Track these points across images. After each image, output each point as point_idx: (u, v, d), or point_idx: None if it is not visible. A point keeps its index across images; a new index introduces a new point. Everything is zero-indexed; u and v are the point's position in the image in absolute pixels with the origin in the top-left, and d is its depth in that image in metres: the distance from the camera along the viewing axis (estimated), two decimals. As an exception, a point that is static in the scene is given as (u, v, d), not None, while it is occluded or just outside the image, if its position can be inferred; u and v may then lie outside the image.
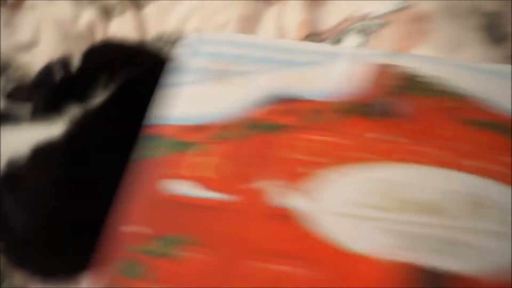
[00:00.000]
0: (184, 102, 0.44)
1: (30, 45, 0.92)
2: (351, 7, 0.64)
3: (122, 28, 0.93)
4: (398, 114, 0.40)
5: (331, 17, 0.66)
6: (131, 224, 0.37)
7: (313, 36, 0.66)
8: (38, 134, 0.47)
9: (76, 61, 0.72)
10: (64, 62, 0.64)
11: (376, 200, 0.36)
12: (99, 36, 0.98)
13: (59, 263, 0.47)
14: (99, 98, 0.49)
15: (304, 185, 0.37)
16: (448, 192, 0.35)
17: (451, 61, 0.45)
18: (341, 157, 0.38)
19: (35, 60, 0.91)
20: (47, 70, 0.62)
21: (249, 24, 0.70)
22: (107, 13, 0.91)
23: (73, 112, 0.48)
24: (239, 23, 0.69)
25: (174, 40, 0.85)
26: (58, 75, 0.58)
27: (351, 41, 0.61)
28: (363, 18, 0.62)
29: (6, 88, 0.71)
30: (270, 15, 0.69)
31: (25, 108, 0.54)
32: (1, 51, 0.87)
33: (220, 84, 0.45)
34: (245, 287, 0.30)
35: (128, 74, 0.50)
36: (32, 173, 0.44)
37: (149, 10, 0.87)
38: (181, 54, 0.49)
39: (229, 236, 0.34)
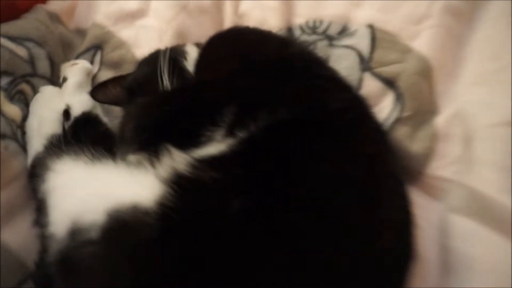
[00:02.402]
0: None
1: (135, 14, 0.72)
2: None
3: (259, 2, 0.76)
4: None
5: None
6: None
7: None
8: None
9: (192, 53, 0.62)
10: (177, 58, 0.58)
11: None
12: (228, 15, 0.75)
13: None
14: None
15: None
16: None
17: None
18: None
19: (140, 38, 0.69)
20: (153, 71, 0.56)
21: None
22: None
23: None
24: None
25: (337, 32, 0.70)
26: (167, 80, 0.54)
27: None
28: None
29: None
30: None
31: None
32: (97, 21, 0.72)
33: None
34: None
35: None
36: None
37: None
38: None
39: None
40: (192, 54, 0.61)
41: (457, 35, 0.68)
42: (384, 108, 0.61)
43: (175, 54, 0.59)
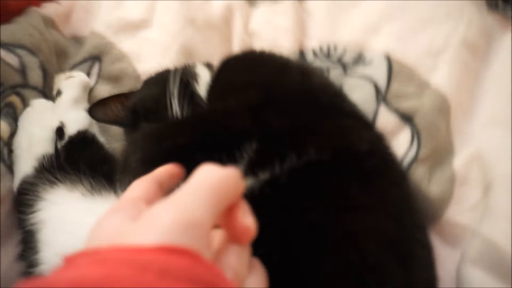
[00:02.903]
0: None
1: (138, 25, 0.67)
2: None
3: (270, 22, 0.72)
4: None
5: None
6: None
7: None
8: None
9: (204, 76, 0.58)
10: (188, 80, 0.54)
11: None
12: (237, 32, 0.70)
13: None
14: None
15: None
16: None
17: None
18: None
19: (142, 51, 0.64)
20: (160, 93, 0.53)
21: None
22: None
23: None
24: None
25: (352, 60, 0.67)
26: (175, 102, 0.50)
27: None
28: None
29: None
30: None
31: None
32: (96, 30, 0.66)
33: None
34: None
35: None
36: None
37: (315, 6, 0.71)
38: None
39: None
40: (204, 77, 0.57)
41: (473, 70, 0.67)
42: (400, 146, 0.58)
43: (186, 76, 0.55)
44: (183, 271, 0.21)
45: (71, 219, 0.44)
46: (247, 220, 0.28)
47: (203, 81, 0.56)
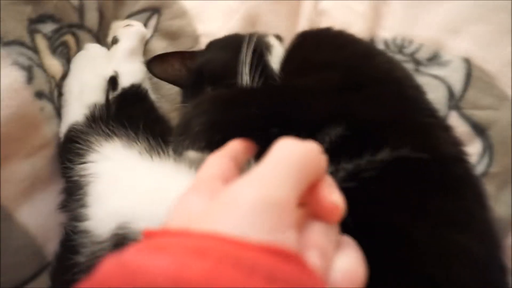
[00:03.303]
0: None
1: None
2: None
3: (344, 3, 0.67)
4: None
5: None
6: None
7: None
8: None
9: (278, 48, 0.55)
10: (262, 50, 0.50)
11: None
12: (306, 9, 0.66)
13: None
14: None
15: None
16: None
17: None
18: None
19: (205, 11, 0.60)
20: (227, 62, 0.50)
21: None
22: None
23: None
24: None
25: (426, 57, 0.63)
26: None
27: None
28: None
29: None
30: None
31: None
32: None
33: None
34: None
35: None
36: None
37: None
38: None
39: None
40: (277, 50, 0.53)
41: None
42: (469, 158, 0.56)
43: (260, 45, 0.51)
44: (291, 278, 0.19)
45: (127, 179, 0.41)
46: (334, 197, 0.25)
47: (276, 53, 0.52)
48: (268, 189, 0.22)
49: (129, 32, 0.60)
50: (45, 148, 0.49)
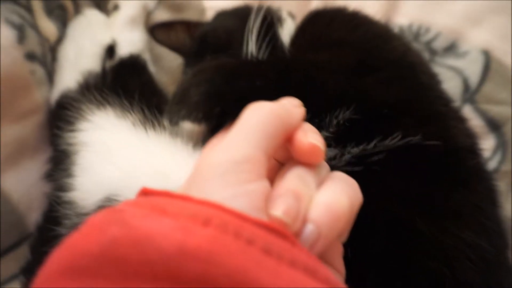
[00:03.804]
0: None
1: None
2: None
3: None
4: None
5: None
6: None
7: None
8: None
9: (289, 23, 0.52)
10: (272, 21, 0.47)
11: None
12: None
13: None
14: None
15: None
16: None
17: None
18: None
19: None
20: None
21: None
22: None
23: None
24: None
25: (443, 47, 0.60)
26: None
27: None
28: None
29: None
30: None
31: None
32: None
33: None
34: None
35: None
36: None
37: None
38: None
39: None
40: (289, 24, 0.49)
41: None
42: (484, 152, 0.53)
43: (271, 16, 0.47)
44: (284, 251, 0.20)
45: (118, 150, 0.38)
46: (310, 138, 0.26)
47: (288, 28, 0.49)
48: (232, 150, 0.24)
49: (131, 0, 0.58)
50: (35, 113, 0.47)
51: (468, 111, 0.56)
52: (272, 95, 0.37)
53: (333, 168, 0.30)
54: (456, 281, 0.32)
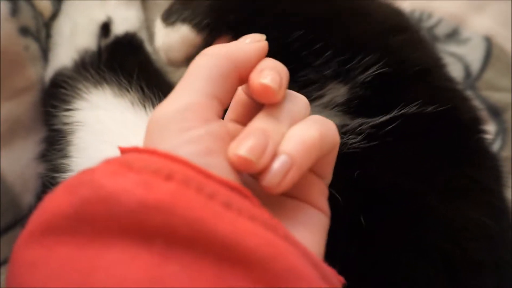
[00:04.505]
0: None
1: None
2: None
3: None
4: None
5: None
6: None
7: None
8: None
9: None
10: None
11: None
12: None
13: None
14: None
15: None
16: None
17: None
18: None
19: None
20: None
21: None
22: None
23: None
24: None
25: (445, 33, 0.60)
26: None
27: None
28: None
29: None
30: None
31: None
32: None
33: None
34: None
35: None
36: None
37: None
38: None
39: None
40: None
41: None
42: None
43: None
44: (243, 207, 0.21)
45: (116, 130, 0.37)
46: (261, 76, 0.25)
47: None
48: (175, 101, 0.24)
49: (128, -24, 0.55)
50: (28, 91, 0.45)
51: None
52: (292, 17, 0.34)
53: (347, 144, 0.30)
54: (466, 261, 0.32)
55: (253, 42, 0.27)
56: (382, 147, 0.32)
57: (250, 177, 0.25)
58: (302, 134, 0.24)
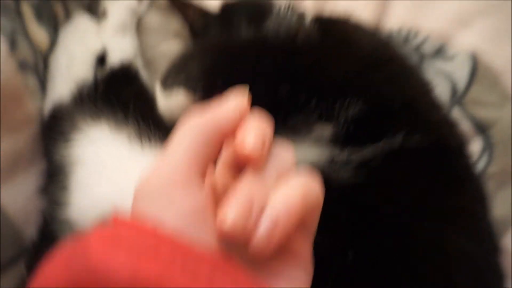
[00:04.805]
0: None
1: None
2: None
3: None
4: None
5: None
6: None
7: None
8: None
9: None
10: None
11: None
12: None
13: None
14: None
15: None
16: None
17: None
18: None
19: None
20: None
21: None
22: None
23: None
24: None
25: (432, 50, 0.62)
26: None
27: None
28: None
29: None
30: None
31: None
32: None
33: None
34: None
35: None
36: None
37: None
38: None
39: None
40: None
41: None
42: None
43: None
44: (227, 281, 0.22)
45: (113, 165, 0.39)
46: (246, 141, 0.26)
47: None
48: (161, 173, 0.25)
49: (119, 5, 0.56)
50: (29, 124, 0.46)
51: (456, 114, 0.57)
52: (277, 77, 0.36)
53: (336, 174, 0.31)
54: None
55: (236, 100, 0.28)
56: (369, 178, 0.33)
57: None
58: (286, 198, 0.25)
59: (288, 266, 0.26)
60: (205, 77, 0.36)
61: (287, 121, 0.35)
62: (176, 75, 0.38)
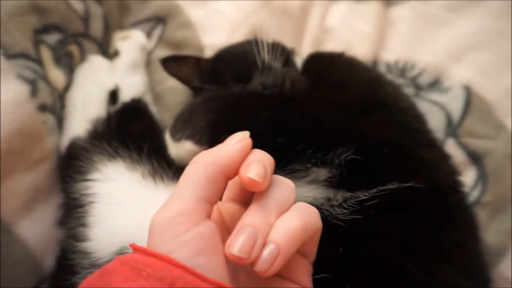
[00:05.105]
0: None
1: None
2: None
3: (349, 23, 0.69)
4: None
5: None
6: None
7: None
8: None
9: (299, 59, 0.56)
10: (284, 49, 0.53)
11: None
12: (312, 25, 0.68)
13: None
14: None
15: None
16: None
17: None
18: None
19: (210, 23, 0.71)
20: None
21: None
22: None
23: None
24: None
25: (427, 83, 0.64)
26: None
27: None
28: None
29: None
30: None
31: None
32: None
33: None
34: None
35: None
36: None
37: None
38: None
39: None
40: (299, 59, 0.54)
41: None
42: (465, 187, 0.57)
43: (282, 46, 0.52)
44: None
45: (130, 203, 0.41)
46: (248, 171, 0.28)
47: (298, 62, 0.53)
48: (169, 207, 0.28)
49: (129, 44, 0.60)
50: (46, 160, 0.49)
51: (450, 144, 0.60)
52: (274, 128, 0.40)
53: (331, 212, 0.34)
54: None
55: (237, 142, 0.30)
56: (365, 218, 0.36)
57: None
58: (287, 225, 0.28)
59: None
60: (209, 132, 0.40)
61: (285, 166, 0.38)
62: (183, 127, 0.41)
